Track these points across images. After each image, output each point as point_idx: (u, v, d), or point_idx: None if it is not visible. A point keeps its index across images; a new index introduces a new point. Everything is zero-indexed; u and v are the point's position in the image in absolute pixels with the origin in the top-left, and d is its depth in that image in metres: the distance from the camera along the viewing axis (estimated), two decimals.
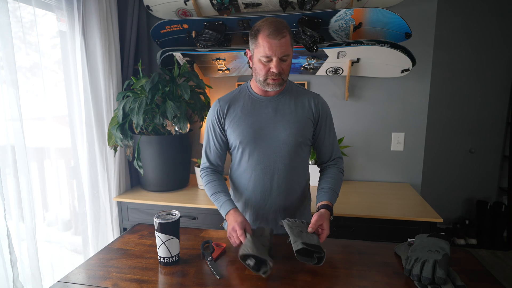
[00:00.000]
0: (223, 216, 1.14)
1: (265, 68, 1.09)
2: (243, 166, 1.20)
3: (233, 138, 1.19)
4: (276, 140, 1.16)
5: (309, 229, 1.01)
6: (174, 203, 1.74)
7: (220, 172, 1.27)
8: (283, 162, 1.17)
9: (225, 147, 1.25)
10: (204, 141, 1.27)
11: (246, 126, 1.17)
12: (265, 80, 1.11)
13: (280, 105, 1.19)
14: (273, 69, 1.08)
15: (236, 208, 1.13)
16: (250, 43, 1.15)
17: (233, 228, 1.04)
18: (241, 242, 1.00)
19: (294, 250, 0.92)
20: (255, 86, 1.20)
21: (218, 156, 1.25)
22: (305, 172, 1.26)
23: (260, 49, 1.08)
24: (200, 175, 1.28)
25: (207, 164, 1.26)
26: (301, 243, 0.91)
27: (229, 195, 1.19)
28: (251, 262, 0.89)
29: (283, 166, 1.17)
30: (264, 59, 1.08)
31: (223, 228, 1.35)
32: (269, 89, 1.13)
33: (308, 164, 1.28)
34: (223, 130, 1.22)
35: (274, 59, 1.07)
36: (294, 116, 1.18)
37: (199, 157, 1.45)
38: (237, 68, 2.04)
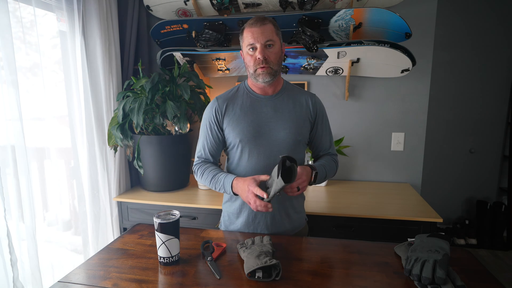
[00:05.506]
0: (231, 192, 1.12)
1: (252, 58, 1.12)
2: (242, 165, 1.20)
3: (232, 137, 1.19)
4: (275, 138, 1.17)
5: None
6: (174, 203, 1.73)
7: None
8: None
9: (220, 146, 1.25)
10: (199, 139, 1.27)
11: (246, 124, 1.17)
12: (255, 71, 1.13)
13: (279, 104, 1.19)
14: (258, 56, 1.10)
15: (237, 176, 1.12)
16: (240, 43, 1.18)
17: (248, 191, 1.03)
18: (261, 205, 1.01)
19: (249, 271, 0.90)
20: (253, 84, 1.21)
21: (213, 155, 1.25)
22: None
23: (245, 41, 1.13)
24: (194, 172, 1.27)
25: (200, 161, 1.26)
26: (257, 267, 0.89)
27: (225, 172, 1.18)
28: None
29: None
30: (250, 49, 1.12)
31: (219, 229, 1.35)
32: (260, 80, 1.13)
33: (304, 162, 1.28)
34: (220, 129, 1.21)
35: (258, 45, 1.10)
36: (293, 115, 1.19)
37: None
38: (237, 68, 2.04)
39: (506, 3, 2.75)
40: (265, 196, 0.99)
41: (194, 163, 1.28)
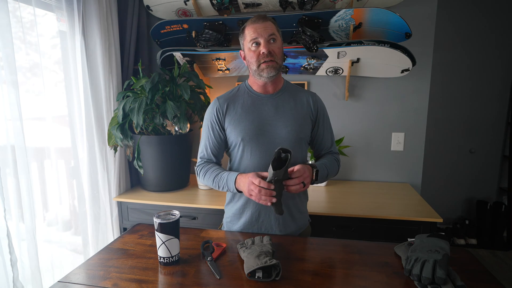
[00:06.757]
0: (234, 189, 1.12)
1: (255, 53, 1.12)
2: (244, 164, 1.19)
3: (233, 136, 1.18)
4: (277, 137, 1.16)
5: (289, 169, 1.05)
6: (174, 203, 1.74)
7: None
8: None
9: (223, 146, 1.25)
10: (201, 140, 1.27)
11: (248, 123, 1.16)
12: (258, 66, 1.12)
13: (280, 102, 1.19)
14: (263, 50, 1.10)
15: (240, 173, 1.13)
16: (240, 43, 1.18)
17: (249, 184, 1.04)
18: (266, 193, 1.01)
19: (248, 271, 0.90)
20: (254, 83, 1.21)
21: (215, 155, 1.25)
22: None
23: (247, 37, 1.13)
24: (196, 173, 1.27)
25: (202, 161, 1.26)
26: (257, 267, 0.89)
27: (228, 171, 1.18)
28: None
29: None
30: (253, 44, 1.12)
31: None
32: (264, 75, 1.12)
33: (306, 161, 1.28)
34: (222, 129, 1.21)
35: (262, 40, 1.10)
36: (294, 113, 1.19)
37: None
38: (237, 68, 2.04)
39: (505, 3, 2.76)
40: (272, 187, 1.01)
41: (196, 164, 1.27)
